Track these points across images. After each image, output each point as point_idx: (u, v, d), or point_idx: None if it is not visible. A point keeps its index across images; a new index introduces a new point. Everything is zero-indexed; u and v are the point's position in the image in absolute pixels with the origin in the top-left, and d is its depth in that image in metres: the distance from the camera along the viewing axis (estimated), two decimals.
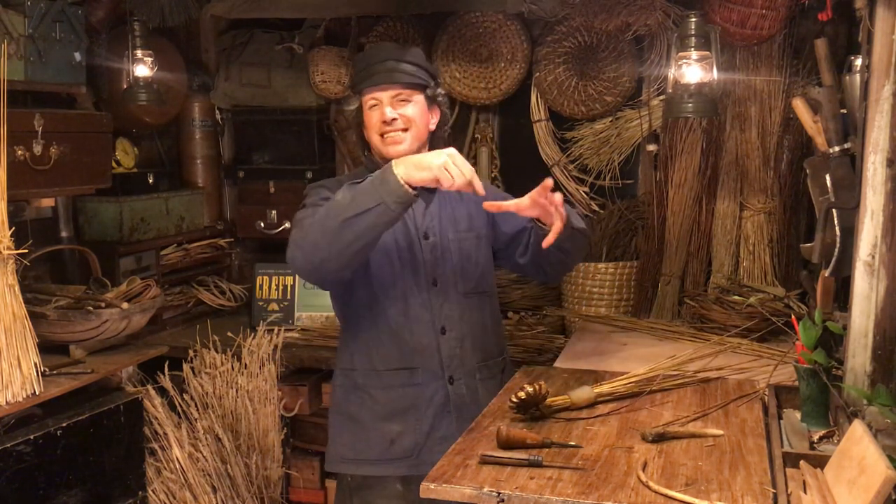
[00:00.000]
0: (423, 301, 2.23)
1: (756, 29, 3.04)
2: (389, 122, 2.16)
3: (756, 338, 2.79)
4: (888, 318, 1.92)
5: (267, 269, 3.66)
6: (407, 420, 2.22)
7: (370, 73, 2.17)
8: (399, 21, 3.66)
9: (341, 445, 2.29)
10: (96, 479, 2.59)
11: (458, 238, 2.30)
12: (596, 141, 3.61)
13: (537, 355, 3.00)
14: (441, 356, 2.24)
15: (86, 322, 2.68)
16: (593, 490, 1.60)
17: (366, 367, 2.25)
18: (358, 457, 2.25)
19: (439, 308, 2.25)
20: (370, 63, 2.19)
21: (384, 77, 2.15)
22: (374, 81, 2.16)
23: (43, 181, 2.81)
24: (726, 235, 3.38)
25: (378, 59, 2.18)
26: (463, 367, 2.27)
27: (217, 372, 3.12)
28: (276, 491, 3.21)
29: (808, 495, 1.60)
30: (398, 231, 2.20)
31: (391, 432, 2.22)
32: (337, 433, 2.32)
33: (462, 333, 2.27)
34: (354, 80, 2.25)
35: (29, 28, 2.71)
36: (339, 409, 2.32)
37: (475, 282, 2.31)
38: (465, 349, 2.27)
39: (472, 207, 2.32)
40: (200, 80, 3.93)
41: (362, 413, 2.25)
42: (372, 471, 2.24)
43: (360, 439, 2.25)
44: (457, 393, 2.24)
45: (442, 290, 2.25)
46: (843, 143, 2.27)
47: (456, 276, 2.27)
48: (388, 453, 2.21)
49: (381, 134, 2.17)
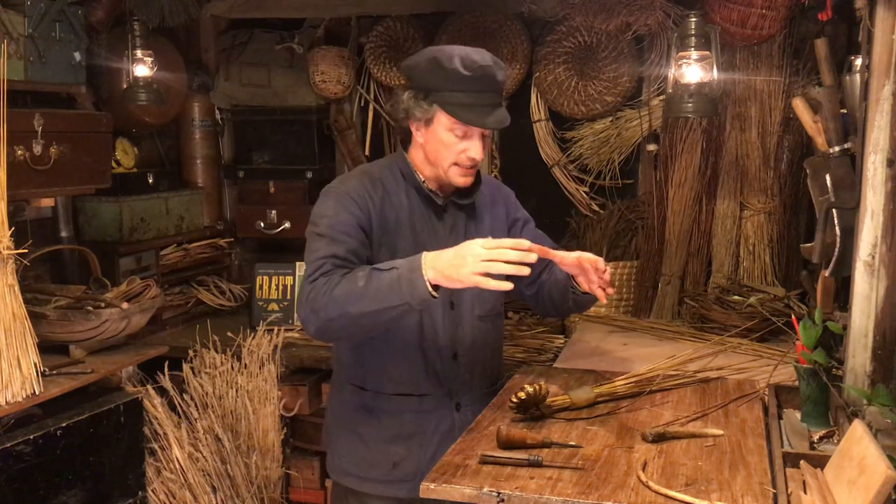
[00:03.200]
0: (438, 323, 2.15)
1: (756, 29, 3.04)
2: (476, 161, 2.06)
3: (756, 338, 2.79)
4: (888, 318, 1.92)
5: (267, 269, 3.66)
6: (411, 445, 2.18)
7: (471, 103, 1.97)
8: (399, 21, 3.67)
9: (345, 459, 2.25)
10: (96, 479, 2.59)
11: None
12: (596, 141, 3.61)
13: (537, 355, 3.00)
14: (450, 383, 2.19)
15: (86, 322, 2.67)
16: (593, 490, 1.60)
17: (376, 388, 2.19)
18: (360, 474, 2.21)
19: (454, 331, 2.18)
20: (471, 88, 1.97)
21: (493, 120, 1.99)
22: (480, 122, 1.98)
23: (43, 181, 2.80)
24: (726, 235, 3.38)
25: (481, 86, 1.98)
26: (471, 394, 2.22)
27: (217, 372, 3.12)
28: (275, 491, 3.21)
29: (808, 495, 1.60)
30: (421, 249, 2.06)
31: (395, 455, 2.18)
32: (341, 446, 2.27)
33: (473, 360, 2.21)
34: (435, 86, 1.99)
35: (29, 28, 2.71)
36: (343, 422, 2.27)
37: (491, 304, 2.25)
38: (474, 376, 2.23)
39: (496, 224, 2.25)
40: (200, 80, 3.93)
41: (368, 433, 2.20)
42: (373, 489, 2.20)
43: (364, 458, 2.21)
44: (463, 420, 2.17)
45: (458, 312, 2.18)
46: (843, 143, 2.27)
47: (473, 299, 2.20)
48: (391, 475, 2.18)
49: (459, 164, 2.05)
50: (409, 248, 2.06)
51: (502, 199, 2.32)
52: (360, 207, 2.05)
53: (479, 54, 2.00)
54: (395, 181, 2.14)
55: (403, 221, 2.10)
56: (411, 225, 2.11)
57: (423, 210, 2.14)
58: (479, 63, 1.97)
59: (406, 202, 2.12)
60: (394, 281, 1.81)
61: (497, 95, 2.02)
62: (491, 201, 2.28)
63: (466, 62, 1.96)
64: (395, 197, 2.11)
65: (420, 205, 2.13)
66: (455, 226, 2.17)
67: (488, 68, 1.98)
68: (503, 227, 2.28)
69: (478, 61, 1.97)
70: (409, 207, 2.12)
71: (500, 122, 2.01)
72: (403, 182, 2.14)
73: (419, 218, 2.13)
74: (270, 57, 3.86)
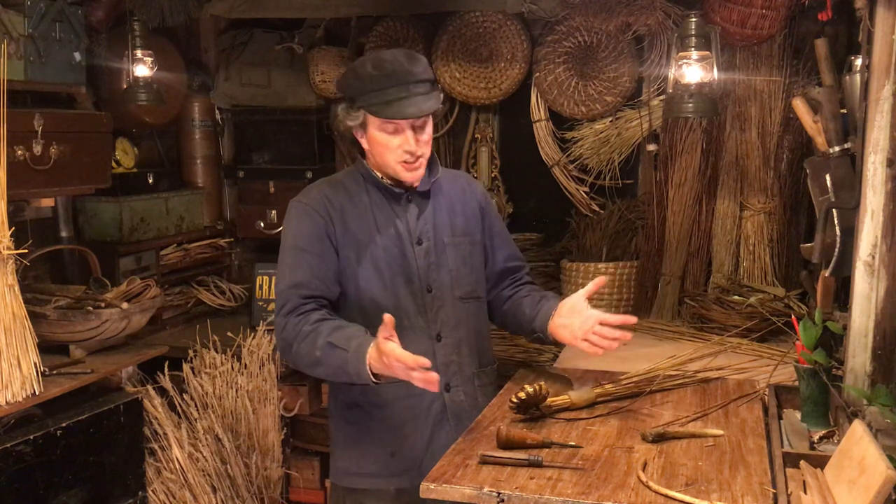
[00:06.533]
0: (417, 308, 2.19)
1: (756, 29, 3.04)
2: (414, 153, 2.13)
3: (756, 338, 2.79)
4: (888, 318, 1.92)
5: (267, 269, 3.65)
6: (406, 433, 2.19)
7: (387, 99, 2.06)
8: (399, 21, 3.67)
9: (345, 459, 2.27)
10: (96, 479, 2.59)
11: (454, 242, 2.27)
12: (596, 141, 3.61)
13: (537, 355, 3.00)
14: (437, 364, 2.18)
15: (86, 322, 2.68)
16: (593, 490, 1.60)
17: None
18: (360, 470, 2.23)
19: (434, 315, 2.21)
20: (384, 86, 2.07)
21: (412, 110, 2.07)
22: (399, 114, 2.07)
23: (43, 181, 2.81)
24: (726, 235, 3.38)
25: (394, 81, 2.07)
26: (461, 374, 2.25)
27: (217, 372, 3.12)
28: (276, 491, 3.21)
29: (808, 495, 1.60)
30: (388, 239, 2.18)
31: (391, 445, 2.20)
32: (340, 447, 2.30)
33: (458, 339, 2.24)
34: (356, 93, 2.11)
35: (29, 28, 2.71)
36: (338, 422, 2.30)
37: (471, 286, 2.29)
38: (461, 355, 2.25)
39: (469, 214, 2.32)
40: (200, 80, 3.93)
41: (362, 428, 2.23)
42: (373, 484, 2.22)
43: (361, 453, 2.23)
44: (454, 400, 2.21)
45: (437, 295, 2.22)
46: (843, 143, 2.27)
47: (452, 281, 2.24)
48: (389, 466, 2.20)
49: (402, 161, 2.14)
50: (374, 241, 2.17)
51: (472, 192, 2.37)
52: (321, 215, 2.17)
53: (391, 53, 2.13)
54: (356, 183, 2.25)
55: (366, 217, 2.20)
56: (374, 218, 2.20)
57: (385, 204, 2.22)
58: (388, 60, 2.10)
59: (367, 199, 2.22)
60: (343, 362, 1.98)
61: (415, 86, 2.09)
62: (460, 189, 2.35)
63: (376, 63, 2.10)
64: (356, 196, 2.22)
65: (381, 199, 2.22)
66: (422, 213, 2.25)
67: (397, 63, 2.09)
68: (475, 214, 2.34)
69: (387, 59, 2.10)
70: (369, 203, 2.21)
71: (420, 111, 2.09)
72: (364, 182, 2.24)
73: (382, 211, 2.21)
74: (270, 57, 3.86)
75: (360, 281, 2.17)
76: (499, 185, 3.81)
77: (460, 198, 2.32)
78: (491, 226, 2.38)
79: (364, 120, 2.13)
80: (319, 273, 2.13)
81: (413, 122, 2.11)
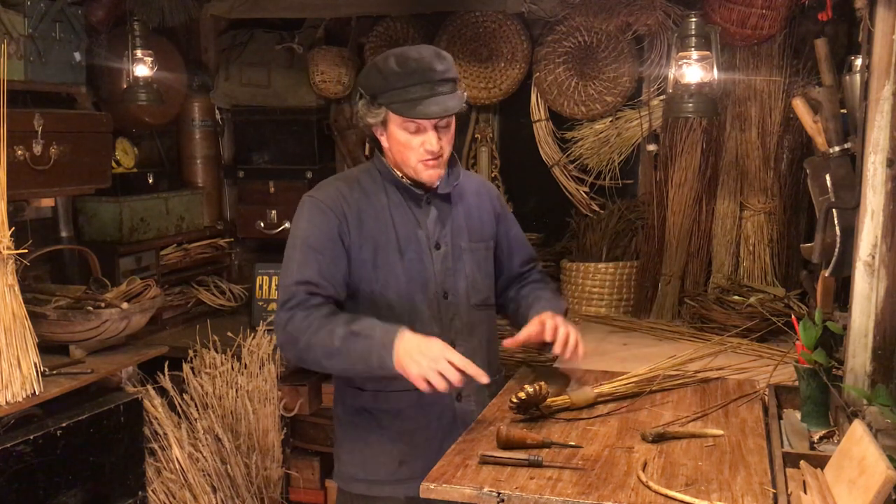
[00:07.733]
0: (432, 315, 2.14)
1: (756, 29, 3.04)
2: (435, 153, 2.08)
3: (756, 338, 2.79)
4: (888, 318, 1.92)
5: (267, 269, 3.66)
6: (415, 441, 2.16)
7: (411, 97, 2.00)
8: (399, 21, 3.67)
9: (351, 465, 2.24)
10: (96, 479, 2.59)
11: (471, 248, 2.21)
12: (596, 141, 3.61)
13: (537, 355, 3.00)
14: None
15: (86, 322, 2.67)
16: (593, 490, 1.60)
17: (374, 387, 2.17)
18: (368, 477, 2.20)
19: (449, 322, 2.17)
20: (408, 83, 2.00)
21: (436, 109, 2.01)
22: (423, 113, 2.00)
23: (43, 181, 2.81)
24: (726, 235, 3.38)
25: (418, 79, 2.00)
26: (472, 383, 2.14)
27: (217, 372, 3.12)
28: (276, 491, 3.21)
29: (808, 495, 1.60)
30: (406, 242, 2.12)
31: (400, 453, 2.17)
32: (346, 451, 2.25)
33: (472, 348, 2.17)
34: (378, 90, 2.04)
35: (29, 28, 2.71)
36: (346, 427, 2.25)
37: (486, 294, 2.25)
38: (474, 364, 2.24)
39: (485, 219, 2.27)
40: (200, 80, 3.93)
41: (371, 434, 2.19)
42: (382, 492, 2.19)
43: (369, 460, 2.20)
44: (464, 410, 2.17)
45: (453, 302, 2.17)
46: (843, 143, 2.27)
47: (468, 288, 2.20)
48: (398, 474, 2.16)
49: (423, 160, 2.08)
50: (392, 241, 2.10)
51: (488, 195, 2.34)
52: (336, 213, 2.09)
53: (417, 50, 2.05)
54: (373, 181, 2.17)
55: (384, 217, 2.13)
56: (392, 219, 2.13)
57: (404, 204, 2.16)
58: (414, 58, 2.02)
59: (385, 199, 2.15)
60: (366, 351, 1.92)
61: (439, 85, 2.04)
62: (476, 192, 2.30)
63: (400, 60, 2.02)
64: (374, 195, 2.14)
65: (400, 199, 2.15)
66: (441, 215, 2.19)
67: (423, 61, 2.02)
68: (491, 219, 2.29)
69: (412, 56, 2.03)
70: (388, 203, 2.14)
71: (444, 110, 2.02)
72: (381, 180, 2.17)
73: (400, 212, 2.14)
74: (270, 57, 3.86)
75: (375, 284, 2.11)
76: (499, 185, 3.81)
77: (476, 202, 2.27)
78: (507, 231, 2.34)
79: (385, 117, 2.06)
80: (328, 274, 2.06)
81: (436, 121, 2.05)
